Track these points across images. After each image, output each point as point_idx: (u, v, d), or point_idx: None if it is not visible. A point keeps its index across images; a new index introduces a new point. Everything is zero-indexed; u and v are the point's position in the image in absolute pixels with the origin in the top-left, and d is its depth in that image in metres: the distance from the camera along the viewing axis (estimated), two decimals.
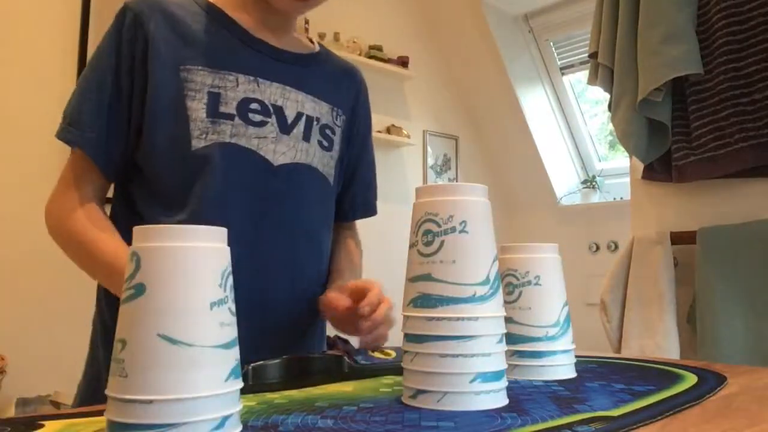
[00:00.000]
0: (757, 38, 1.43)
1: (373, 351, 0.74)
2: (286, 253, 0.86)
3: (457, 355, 0.53)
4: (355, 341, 0.87)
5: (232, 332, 0.46)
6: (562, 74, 3.55)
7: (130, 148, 0.82)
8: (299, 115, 0.89)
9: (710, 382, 0.65)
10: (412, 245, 0.57)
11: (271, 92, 0.87)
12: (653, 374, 0.71)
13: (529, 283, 0.71)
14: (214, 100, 0.81)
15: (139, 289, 0.43)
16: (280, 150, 0.86)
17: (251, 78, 0.85)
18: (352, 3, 3.29)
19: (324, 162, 0.92)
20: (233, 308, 0.46)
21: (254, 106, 0.84)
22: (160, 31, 0.82)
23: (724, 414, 0.51)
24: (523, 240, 3.55)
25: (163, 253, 0.44)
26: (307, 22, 2.97)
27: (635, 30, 1.59)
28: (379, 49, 3.24)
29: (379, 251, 3.21)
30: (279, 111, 0.87)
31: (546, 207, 3.54)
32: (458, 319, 0.53)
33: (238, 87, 0.84)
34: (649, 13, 1.55)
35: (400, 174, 3.40)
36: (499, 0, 3.38)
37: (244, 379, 0.59)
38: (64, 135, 0.81)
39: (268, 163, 0.84)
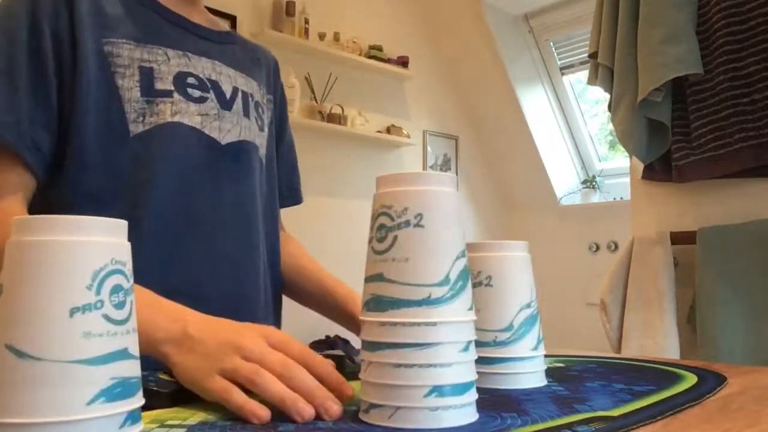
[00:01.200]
0: (757, 38, 1.43)
1: None
2: (246, 237, 0.81)
3: (412, 365, 0.46)
4: (356, 342, 0.87)
5: (106, 345, 0.37)
6: (562, 74, 3.55)
7: (55, 141, 0.71)
8: (235, 90, 0.83)
9: (710, 382, 0.65)
10: (369, 242, 0.50)
11: (203, 66, 0.80)
12: (653, 374, 0.71)
13: (480, 284, 0.63)
14: (148, 76, 0.74)
15: None
16: (225, 127, 0.79)
17: (180, 52, 0.78)
18: (352, 3, 3.29)
19: (260, 142, 0.86)
20: (119, 316, 0.39)
21: (191, 80, 0.77)
22: (81, 4, 0.73)
23: (724, 414, 0.51)
24: (523, 240, 3.54)
25: (24, 249, 0.37)
26: (307, 22, 2.97)
27: (635, 30, 1.59)
28: (379, 49, 3.24)
29: None
30: (215, 86, 0.80)
31: (546, 207, 3.54)
32: (412, 324, 0.46)
33: (170, 61, 0.76)
34: (649, 13, 1.55)
35: None
36: (499, 0, 3.38)
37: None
38: None
39: (215, 141, 0.78)
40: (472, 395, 0.48)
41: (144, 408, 0.42)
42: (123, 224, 0.41)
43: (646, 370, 0.74)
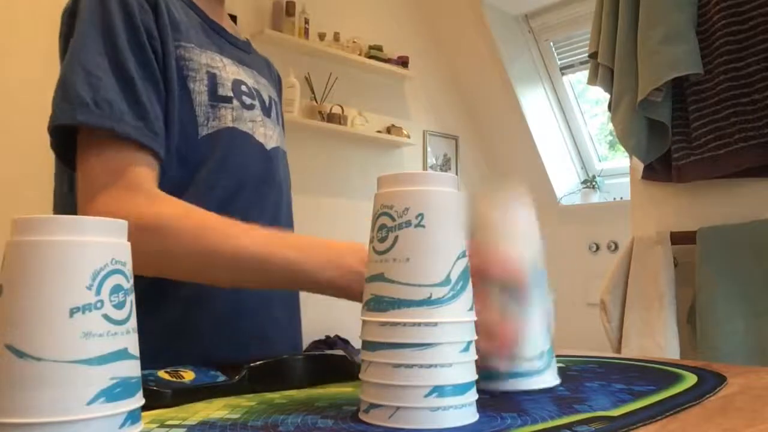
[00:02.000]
0: (757, 38, 1.43)
1: None
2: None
3: (412, 365, 0.45)
4: (356, 342, 0.87)
5: (106, 345, 0.38)
6: (562, 74, 3.55)
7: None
8: (270, 99, 0.87)
9: (710, 382, 0.65)
10: (370, 242, 0.50)
11: (248, 75, 0.83)
12: (653, 374, 0.71)
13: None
14: (213, 82, 0.76)
15: None
16: (268, 134, 0.83)
17: (230, 60, 0.80)
18: (352, 3, 3.29)
19: (284, 145, 0.91)
20: (119, 316, 0.39)
21: (244, 88, 0.80)
22: (158, 3, 0.73)
23: (724, 414, 0.51)
24: None
25: (23, 249, 0.37)
26: (307, 22, 2.97)
27: (635, 30, 1.59)
28: (379, 49, 3.24)
29: None
30: (258, 94, 0.83)
31: (546, 207, 3.54)
32: (412, 324, 0.46)
33: (227, 68, 0.79)
34: (649, 13, 1.55)
35: None
36: (499, 0, 3.38)
37: (244, 380, 0.59)
38: (90, 119, 0.64)
39: (263, 147, 0.81)
40: (472, 395, 0.48)
41: (144, 408, 0.42)
42: (123, 224, 0.40)
43: (646, 370, 0.74)
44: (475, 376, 0.48)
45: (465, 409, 0.47)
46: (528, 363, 0.61)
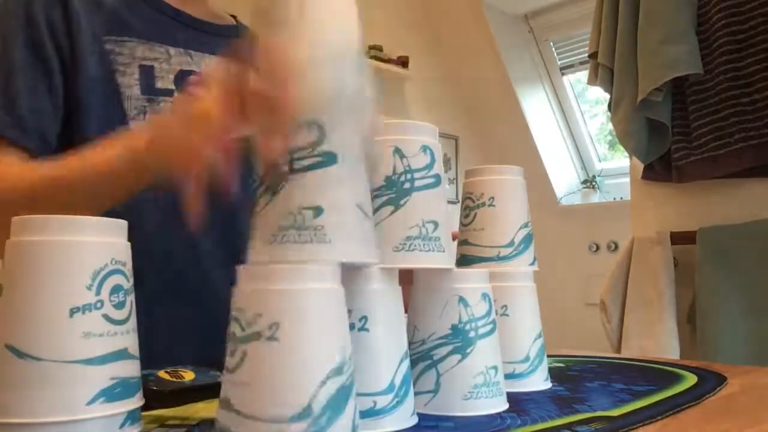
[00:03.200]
0: (757, 38, 1.43)
1: None
2: (237, 237, 0.79)
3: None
4: None
5: (106, 345, 0.37)
6: (562, 74, 3.55)
7: (61, 130, 0.71)
8: None
9: (710, 382, 0.65)
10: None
11: (206, 64, 0.80)
12: (653, 374, 0.71)
13: (484, 204, 0.67)
14: (148, 75, 0.73)
15: None
16: None
17: (181, 50, 0.78)
18: None
19: None
20: (119, 316, 0.38)
21: (194, 78, 0.78)
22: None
23: (724, 414, 0.51)
24: None
25: (23, 249, 0.37)
26: None
27: (635, 30, 1.59)
28: (379, 49, 3.24)
29: None
30: None
31: (546, 207, 3.54)
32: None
33: (171, 59, 0.76)
34: (649, 13, 1.55)
35: None
36: (499, 0, 3.38)
37: None
38: None
39: None
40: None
41: (144, 408, 0.42)
42: (123, 224, 0.40)
43: (646, 370, 0.74)
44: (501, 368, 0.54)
45: (495, 399, 0.52)
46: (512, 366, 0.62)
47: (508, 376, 0.60)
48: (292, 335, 0.37)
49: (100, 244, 0.38)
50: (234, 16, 0.95)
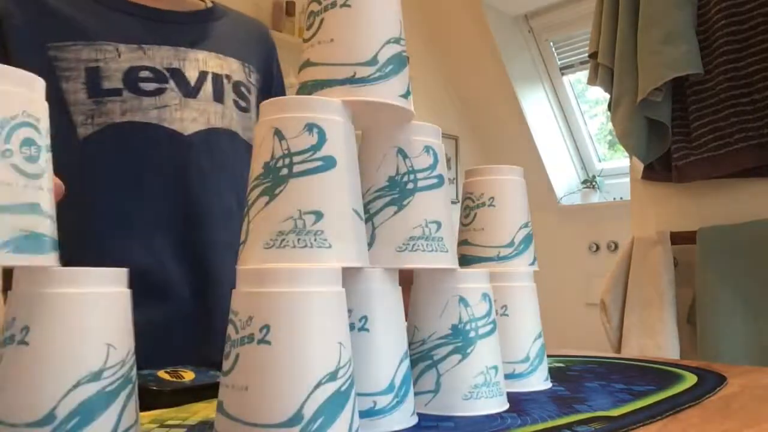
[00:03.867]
0: (757, 38, 1.43)
1: None
2: (233, 227, 0.75)
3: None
4: None
5: (14, 195, 0.35)
6: (562, 74, 3.55)
7: None
8: (203, 74, 0.78)
9: (710, 382, 0.65)
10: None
11: (162, 56, 0.76)
12: (653, 374, 0.71)
13: (483, 204, 0.67)
14: (94, 77, 0.70)
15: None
16: (189, 116, 0.74)
17: (134, 46, 0.74)
18: None
19: (244, 125, 0.81)
20: (30, 169, 0.36)
21: (144, 74, 0.73)
22: (12, 5, 0.70)
23: (724, 414, 0.51)
24: None
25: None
26: None
27: (635, 30, 1.59)
28: None
29: None
30: (176, 74, 0.75)
31: (546, 207, 3.54)
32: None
33: (120, 57, 0.73)
34: (649, 13, 1.55)
35: None
36: (499, 0, 3.38)
37: None
38: None
39: (176, 133, 0.73)
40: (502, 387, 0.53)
41: (144, 408, 0.42)
42: (39, 81, 0.38)
43: (646, 370, 0.74)
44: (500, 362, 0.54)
45: (495, 399, 0.52)
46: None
47: (508, 376, 0.61)
48: (284, 338, 0.36)
49: (12, 94, 0.36)
50: (213, 3, 0.89)
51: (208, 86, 0.77)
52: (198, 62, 0.78)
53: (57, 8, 0.72)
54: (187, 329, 0.73)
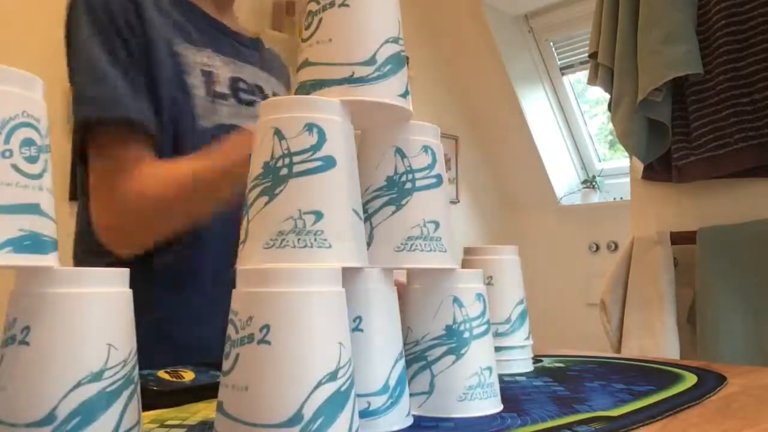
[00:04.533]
0: (757, 38, 1.43)
1: None
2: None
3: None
4: None
5: (15, 196, 0.35)
6: (562, 74, 3.55)
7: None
8: (275, 95, 0.89)
9: (710, 382, 0.65)
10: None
11: (249, 72, 0.85)
12: (653, 374, 0.71)
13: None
14: (209, 79, 0.79)
15: None
16: None
17: (228, 59, 0.83)
18: None
19: None
20: (29, 169, 0.36)
21: (242, 85, 0.82)
22: (146, 3, 0.78)
23: (724, 414, 0.51)
24: (523, 240, 3.55)
25: None
26: None
27: (635, 30, 1.59)
28: None
29: None
30: (261, 90, 0.86)
31: (546, 207, 3.54)
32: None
33: (224, 67, 0.82)
34: (649, 13, 1.55)
35: None
36: (499, 0, 3.38)
37: None
38: (103, 113, 0.71)
39: None
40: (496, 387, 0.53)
41: (144, 408, 0.42)
42: (37, 80, 0.38)
43: (646, 370, 0.74)
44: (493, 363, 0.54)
45: (489, 400, 0.51)
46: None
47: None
48: (283, 338, 0.36)
49: (10, 94, 0.36)
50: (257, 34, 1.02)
51: None
52: (269, 84, 0.89)
53: (169, 11, 0.80)
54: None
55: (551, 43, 3.52)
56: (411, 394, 0.51)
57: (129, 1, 0.76)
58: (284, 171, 0.42)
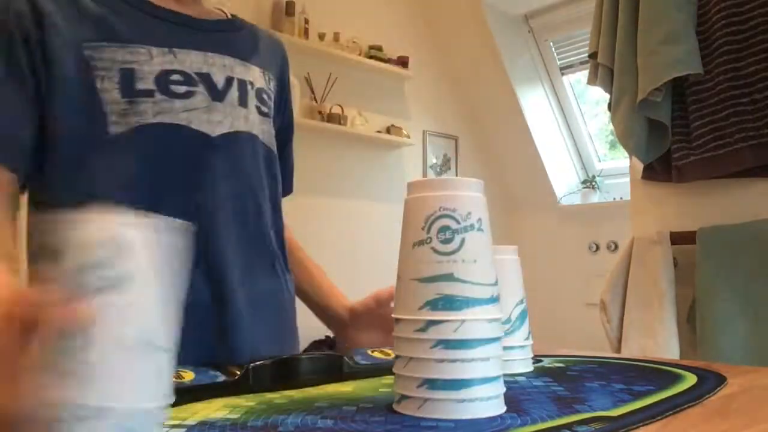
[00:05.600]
0: (757, 38, 1.43)
1: (372, 351, 0.74)
2: (251, 229, 0.81)
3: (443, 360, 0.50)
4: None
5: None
6: (562, 74, 3.56)
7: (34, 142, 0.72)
8: (229, 80, 0.82)
9: (710, 382, 0.65)
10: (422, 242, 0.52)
11: (192, 60, 0.79)
12: (653, 374, 0.71)
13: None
14: (128, 77, 0.74)
15: None
16: (216, 119, 0.78)
17: (165, 50, 0.77)
18: (352, 3, 3.29)
19: (264, 129, 0.85)
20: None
21: (175, 77, 0.77)
22: (52, 4, 0.73)
23: (724, 414, 0.51)
24: (523, 240, 3.55)
25: None
26: (306, 22, 2.97)
27: (635, 30, 1.59)
28: (379, 49, 3.24)
29: (380, 251, 3.20)
30: (205, 78, 0.79)
31: (546, 207, 3.54)
32: (481, 320, 0.51)
33: (153, 60, 0.76)
34: (648, 13, 1.55)
35: (400, 174, 3.40)
36: (499, 0, 3.38)
37: (244, 380, 0.59)
38: None
39: (204, 135, 0.77)
40: (500, 387, 0.51)
41: None
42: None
43: (646, 370, 0.74)
44: (502, 371, 0.52)
45: (491, 401, 0.50)
46: None
47: None
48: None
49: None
50: (233, 15, 0.94)
51: (234, 91, 0.81)
52: (224, 68, 0.82)
53: (92, 10, 0.75)
54: (202, 331, 0.75)
55: (551, 43, 3.52)
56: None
57: (29, 9, 0.72)
58: None
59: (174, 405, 0.53)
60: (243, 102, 0.82)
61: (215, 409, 0.52)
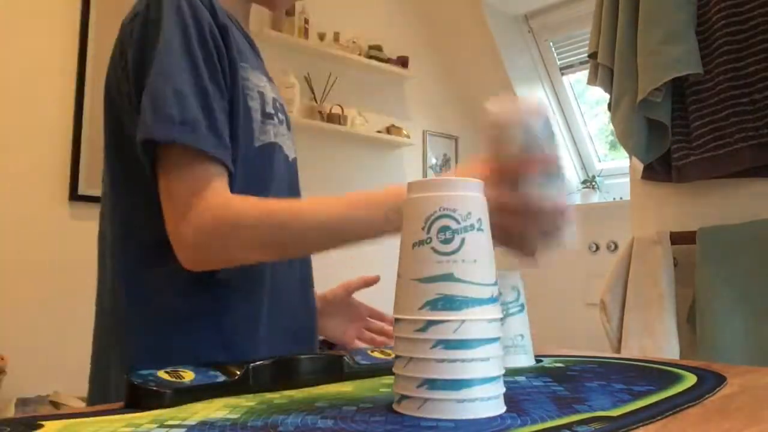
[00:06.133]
0: (757, 38, 1.43)
1: (372, 351, 0.74)
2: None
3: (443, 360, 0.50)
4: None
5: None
6: (562, 74, 3.56)
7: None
8: (282, 105, 0.89)
9: (710, 382, 0.65)
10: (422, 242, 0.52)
11: (275, 90, 0.87)
12: (653, 374, 0.71)
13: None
14: (262, 100, 0.80)
15: None
16: (290, 145, 0.88)
17: (266, 78, 0.84)
18: (352, 3, 3.29)
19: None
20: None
21: (278, 104, 0.85)
22: (221, 16, 0.76)
23: (724, 414, 0.51)
24: None
25: None
26: (306, 22, 2.97)
27: (635, 30, 1.59)
28: (379, 49, 3.24)
29: (380, 251, 3.20)
30: (283, 108, 0.88)
31: None
32: (482, 320, 0.51)
33: (267, 86, 0.83)
34: (648, 13, 1.55)
35: (400, 174, 3.40)
36: (499, 0, 3.38)
37: (244, 380, 0.59)
38: (181, 137, 0.67)
39: (288, 158, 0.86)
40: (500, 388, 0.51)
41: (144, 408, 0.42)
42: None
43: (646, 370, 0.74)
44: (502, 371, 0.52)
45: (491, 401, 0.50)
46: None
47: None
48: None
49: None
50: None
51: (289, 120, 0.90)
52: (281, 97, 0.90)
53: (234, 33, 0.78)
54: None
55: (551, 43, 3.52)
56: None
57: (216, 24, 0.74)
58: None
59: (174, 405, 0.53)
60: (290, 126, 0.90)
61: (215, 409, 0.52)
